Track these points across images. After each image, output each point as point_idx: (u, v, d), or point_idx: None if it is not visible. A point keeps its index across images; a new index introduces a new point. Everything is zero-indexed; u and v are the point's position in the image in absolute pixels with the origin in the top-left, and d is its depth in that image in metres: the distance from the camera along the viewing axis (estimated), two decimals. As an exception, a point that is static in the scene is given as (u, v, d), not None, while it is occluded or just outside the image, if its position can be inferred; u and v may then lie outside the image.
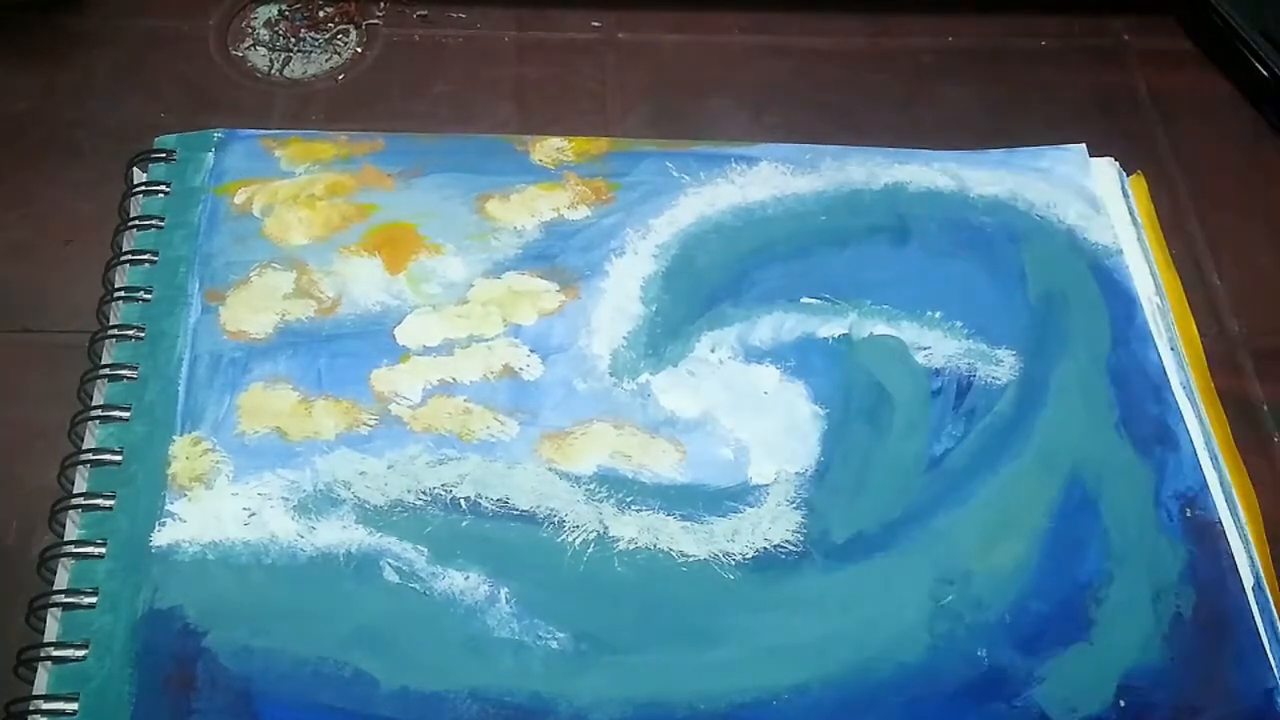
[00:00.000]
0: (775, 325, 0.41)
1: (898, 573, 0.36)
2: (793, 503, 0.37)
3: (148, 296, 0.40)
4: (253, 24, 0.51)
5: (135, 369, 0.38)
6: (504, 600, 0.35)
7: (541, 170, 0.44)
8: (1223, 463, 0.39)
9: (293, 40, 0.50)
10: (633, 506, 0.37)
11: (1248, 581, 0.37)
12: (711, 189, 0.44)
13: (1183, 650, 0.35)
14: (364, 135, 0.45)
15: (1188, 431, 0.39)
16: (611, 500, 0.37)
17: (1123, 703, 0.34)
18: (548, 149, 0.45)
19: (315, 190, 0.43)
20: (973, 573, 0.36)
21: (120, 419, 0.37)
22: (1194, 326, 0.43)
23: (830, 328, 0.41)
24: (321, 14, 0.51)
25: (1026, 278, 0.43)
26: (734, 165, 0.45)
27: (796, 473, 0.38)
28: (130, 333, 0.39)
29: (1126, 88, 0.52)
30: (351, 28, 0.51)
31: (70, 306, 0.41)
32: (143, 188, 0.43)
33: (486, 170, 0.44)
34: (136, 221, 0.42)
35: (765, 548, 0.36)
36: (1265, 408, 0.42)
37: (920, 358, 0.40)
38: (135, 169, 0.43)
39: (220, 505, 0.36)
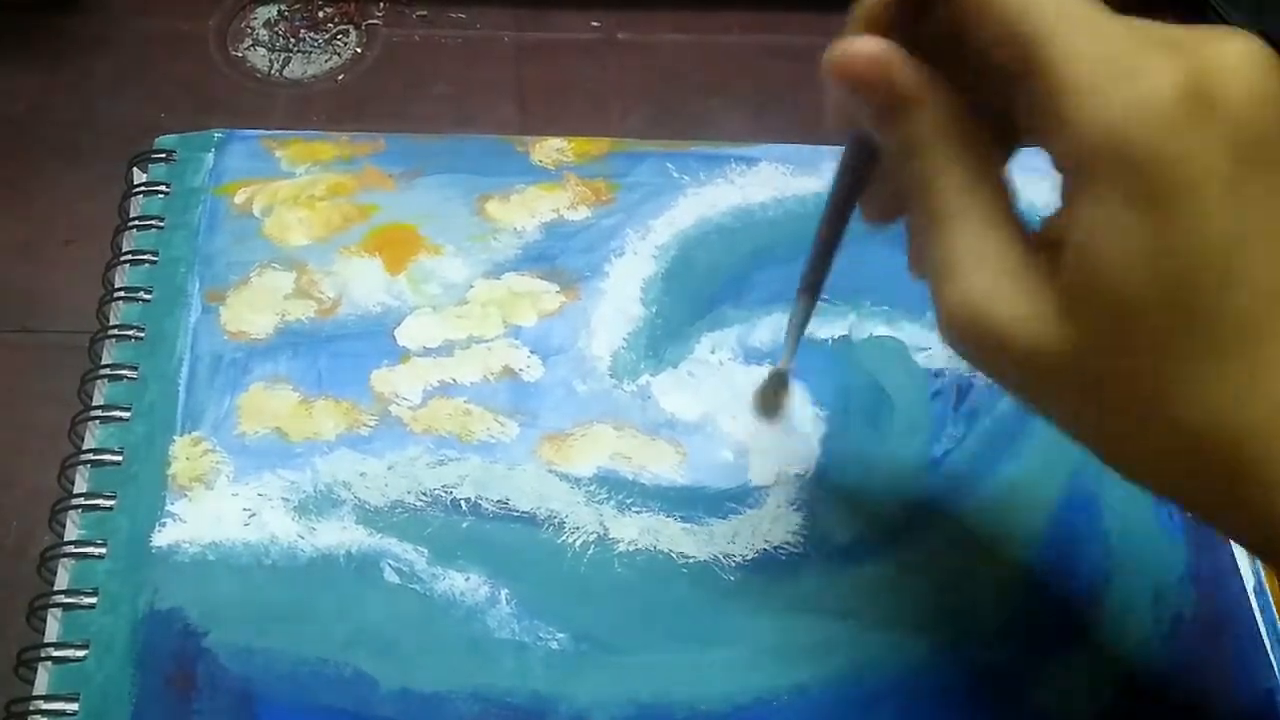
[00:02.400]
0: (775, 326, 0.41)
1: (898, 574, 0.36)
2: (793, 504, 0.37)
3: (148, 297, 0.40)
4: (252, 24, 0.51)
5: (135, 369, 0.38)
6: (504, 601, 0.35)
7: (542, 171, 0.44)
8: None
9: (292, 41, 0.50)
10: (633, 508, 0.37)
11: (1248, 581, 0.37)
12: (712, 190, 0.44)
13: (1183, 650, 0.35)
14: (365, 136, 0.45)
15: (1188, 432, 0.39)
16: (612, 502, 0.37)
17: (1123, 702, 0.34)
18: (548, 150, 0.45)
19: (316, 191, 0.43)
20: (973, 573, 0.36)
21: (120, 419, 0.37)
22: (1194, 327, 0.43)
23: (830, 329, 0.41)
24: (321, 14, 0.51)
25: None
26: (734, 166, 0.45)
27: (796, 474, 0.38)
28: (130, 333, 0.39)
29: (1126, 88, 0.52)
30: (351, 28, 0.51)
31: (70, 306, 0.41)
32: (143, 188, 0.43)
33: (487, 171, 0.44)
34: (136, 222, 0.42)
35: (765, 549, 0.36)
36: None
37: (920, 359, 0.40)
38: (135, 169, 0.43)
39: (221, 506, 0.36)
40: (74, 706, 0.32)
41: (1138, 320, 0.23)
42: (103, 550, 0.35)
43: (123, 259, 0.41)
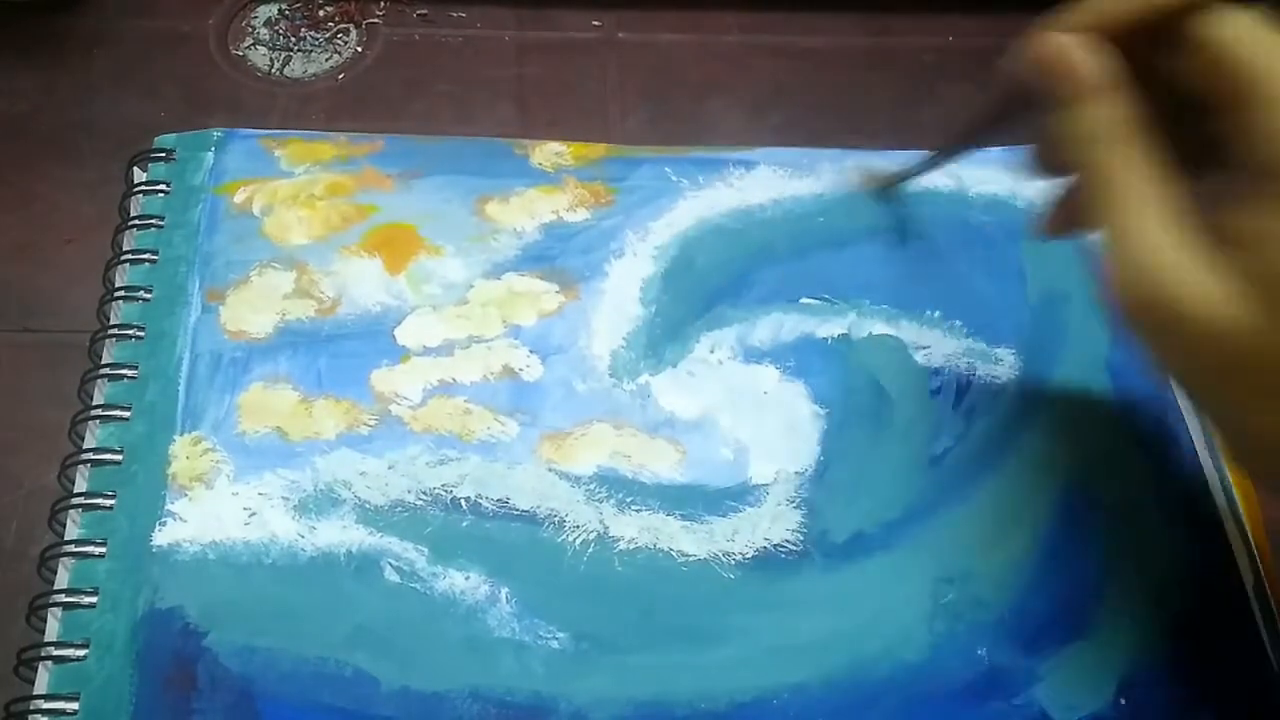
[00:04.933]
0: (774, 326, 0.41)
1: (898, 572, 0.36)
2: (792, 502, 0.37)
3: (148, 296, 0.40)
4: (253, 23, 0.51)
5: (135, 368, 0.38)
6: (504, 600, 0.35)
7: (541, 174, 0.44)
8: (1223, 462, 0.39)
9: (293, 40, 0.50)
10: (632, 506, 0.37)
11: (1247, 580, 0.37)
12: (710, 193, 0.44)
13: (1183, 650, 0.35)
14: (364, 137, 0.45)
15: (1188, 430, 0.39)
16: (611, 500, 0.37)
17: (1123, 701, 0.34)
18: (547, 153, 0.45)
19: (315, 190, 0.43)
20: (973, 572, 0.36)
21: (120, 418, 0.37)
22: (1194, 326, 0.43)
23: (829, 328, 0.41)
24: (322, 13, 0.51)
25: (1026, 276, 0.43)
26: (732, 170, 0.45)
27: (796, 472, 0.38)
28: (130, 332, 0.39)
29: (1126, 87, 0.52)
30: (352, 27, 0.51)
31: (70, 306, 0.41)
32: (143, 187, 0.43)
33: (486, 173, 0.44)
34: (136, 221, 0.42)
35: (765, 547, 0.36)
36: (1265, 407, 0.42)
37: (919, 357, 0.40)
38: (135, 168, 0.43)
39: (221, 505, 0.36)
40: (74, 706, 0.32)
41: None
42: (103, 549, 0.35)
43: (123, 258, 0.41)
